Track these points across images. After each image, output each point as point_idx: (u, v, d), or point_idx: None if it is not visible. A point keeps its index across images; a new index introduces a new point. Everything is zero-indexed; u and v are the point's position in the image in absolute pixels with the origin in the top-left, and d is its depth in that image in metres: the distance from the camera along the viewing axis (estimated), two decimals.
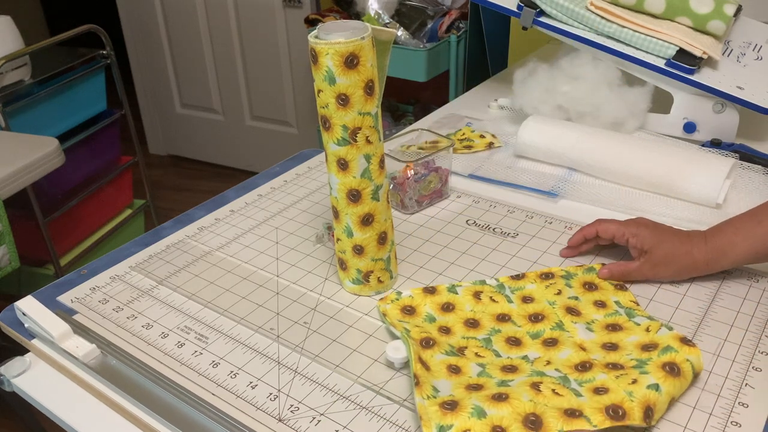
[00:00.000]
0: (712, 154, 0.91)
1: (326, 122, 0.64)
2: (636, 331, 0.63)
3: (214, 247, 0.83)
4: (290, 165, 1.03)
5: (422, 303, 0.70)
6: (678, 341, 0.59)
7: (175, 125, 2.92)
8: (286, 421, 0.57)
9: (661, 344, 0.59)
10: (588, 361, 0.60)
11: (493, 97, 1.21)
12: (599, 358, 0.60)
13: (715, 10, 1.00)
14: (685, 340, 0.59)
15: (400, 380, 0.61)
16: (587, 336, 0.64)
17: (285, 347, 0.66)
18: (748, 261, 0.69)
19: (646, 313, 0.66)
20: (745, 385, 0.59)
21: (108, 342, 0.67)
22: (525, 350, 0.63)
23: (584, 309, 0.67)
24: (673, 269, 0.70)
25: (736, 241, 0.68)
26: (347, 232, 0.69)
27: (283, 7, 2.37)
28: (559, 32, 1.06)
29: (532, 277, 0.73)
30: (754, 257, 0.68)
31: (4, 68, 1.69)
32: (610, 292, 0.70)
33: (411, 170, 0.87)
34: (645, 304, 0.69)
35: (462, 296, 0.70)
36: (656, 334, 0.61)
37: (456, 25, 1.92)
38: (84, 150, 1.94)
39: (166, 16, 2.65)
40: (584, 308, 0.67)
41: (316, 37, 0.62)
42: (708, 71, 1.00)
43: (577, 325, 0.65)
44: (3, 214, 1.38)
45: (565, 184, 0.94)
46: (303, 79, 2.49)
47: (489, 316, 0.68)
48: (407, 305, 0.70)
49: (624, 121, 1.03)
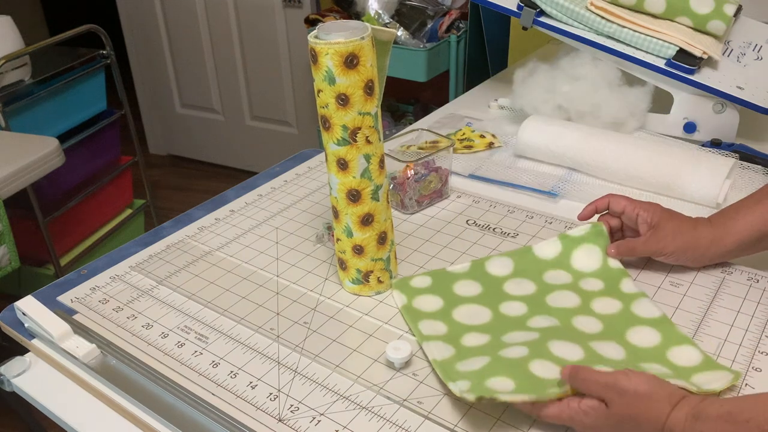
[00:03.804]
0: (712, 154, 0.91)
1: (326, 122, 0.64)
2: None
3: (214, 247, 0.83)
4: (290, 165, 1.03)
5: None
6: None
7: (175, 125, 2.92)
8: (286, 421, 0.57)
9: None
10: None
11: (493, 97, 1.21)
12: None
13: (715, 10, 1.00)
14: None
15: (400, 380, 0.61)
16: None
17: (285, 347, 0.66)
18: (752, 238, 0.69)
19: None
20: (745, 385, 0.59)
21: (108, 342, 0.67)
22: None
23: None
24: (678, 242, 0.71)
25: (737, 218, 0.70)
26: (347, 232, 0.69)
27: (283, 7, 2.37)
28: (559, 32, 1.06)
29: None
30: (757, 234, 0.69)
31: (4, 68, 1.69)
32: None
33: (411, 170, 0.87)
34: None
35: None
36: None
37: (456, 25, 1.92)
38: (84, 150, 1.94)
39: (166, 16, 2.65)
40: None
41: (316, 37, 0.62)
42: (708, 71, 1.00)
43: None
44: (3, 214, 1.38)
45: (565, 184, 0.94)
46: (303, 79, 2.49)
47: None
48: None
49: (624, 121, 1.03)
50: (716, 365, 0.60)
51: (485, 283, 0.73)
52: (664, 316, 0.66)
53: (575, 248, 0.74)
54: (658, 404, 0.50)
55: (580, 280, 0.72)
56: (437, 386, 0.60)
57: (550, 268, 0.74)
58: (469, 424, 0.56)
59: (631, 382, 0.51)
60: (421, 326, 0.67)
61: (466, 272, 0.74)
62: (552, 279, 0.72)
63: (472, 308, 0.69)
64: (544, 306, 0.68)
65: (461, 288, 0.72)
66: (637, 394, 0.50)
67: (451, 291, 0.72)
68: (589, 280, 0.72)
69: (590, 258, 0.73)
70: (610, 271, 0.72)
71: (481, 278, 0.73)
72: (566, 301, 0.69)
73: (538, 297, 0.70)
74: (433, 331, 0.66)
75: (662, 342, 0.63)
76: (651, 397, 0.50)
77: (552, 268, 0.74)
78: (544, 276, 0.73)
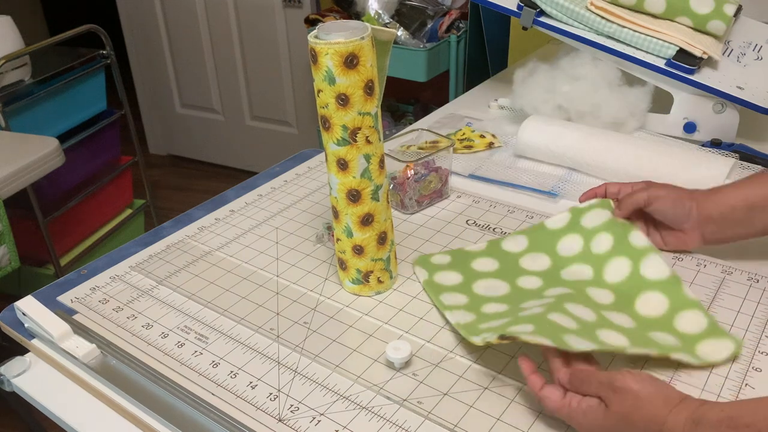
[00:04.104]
0: (712, 154, 0.91)
1: (326, 122, 0.64)
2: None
3: (214, 247, 0.83)
4: (290, 165, 1.03)
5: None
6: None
7: (175, 125, 2.92)
8: (286, 421, 0.57)
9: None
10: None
11: (493, 97, 1.21)
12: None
13: (715, 10, 1.00)
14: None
15: (400, 380, 0.61)
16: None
17: (285, 347, 0.66)
18: (737, 205, 0.70)
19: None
20: (745, 385, 0.59)
21: (108, 342, 0.67)
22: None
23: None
24: (671, 197, 0.73)
25: (722, 187, 0.73)
26: (347, 232, 0.69)
27: (283, 7, 2.37)
28: (559, 32, 1.06)
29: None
30: (742, 201, 0.70)
31: (4, 68, 1.69)
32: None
33: (411, 170, 0.87)
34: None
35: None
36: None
37: (456, 25, 1.92)
38: (84, 150, 1.94)
39: (166, 16, 2.65)
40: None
41: (316, 37, 0.62)
42: (708, 71, 1.00)
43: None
44: (3, 214, 1.38)
45: (565, 184, 0.94)
46: (303, 79, 2.49)
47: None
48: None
49: (624, 121, 1.03)
50: (721, 332, 0.63)
51: (502, 260, 0.76)
52: (673, 276, 0.69)
53: (584, 214, 0.77)
54: (656, 406, 0.50)
55: (591, 240, 0.74)
56: (437, 386, 0.60)
57: (562, 236, 0.77)
58: (469, 424, 0.56)
59: (630, 383, 0.51)
60: (443, 298, 0.70)
61: (482, 250, 0.78)
62: (565, 250, 0.75)
63: (491, 282, 0.73)
64: (559, 280, 0.72)
65: (479, 264, 0.76)
66: (636, 395, 0.51)
67: (469, 267, 0.76)
68: (599, 238, 0.74)
69: (598, 216, 0.76)
70: (618, 225, 0.74)
71: (497, 255, 0.77)
72: (579, 274, 0.72)
73: (553, 272, 0.74)
74: (454, 302, 0.70)
75: (669, 309, 0.66)
76: (649, 398, 0.50)
77: (564, 235, 0.77)
78: (557, 247, 0.76)
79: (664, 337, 0.63)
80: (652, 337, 0.62)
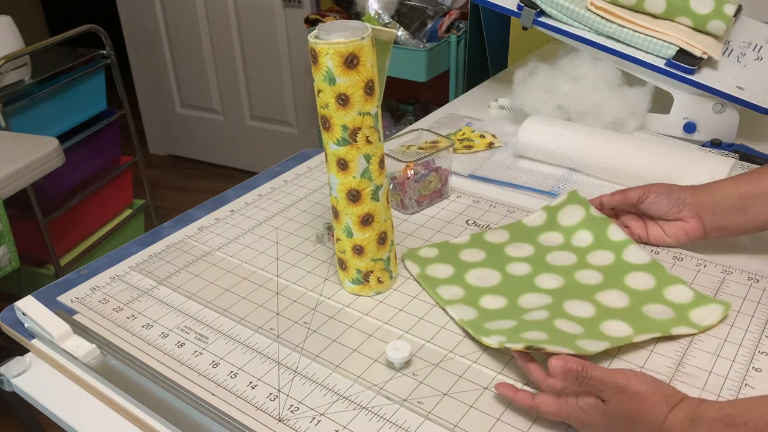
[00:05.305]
0: (712, 154, 0.91)
1: (326, 122, 0.64)
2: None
3: (214, 247, 0.83)
4: (290, 165, 1.03)
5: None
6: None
7: (175, 125, 2.92)
8: (286, 421, 0.57)
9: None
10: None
11: (493, 97, 1.21)
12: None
13: (715, 10, 1.00)
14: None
15: (400, 380, 0.61)
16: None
17: (285, 347, 0.66)
18: (729, 194, 0.72)
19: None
20: (745, 385, 0.59)
21: (108, 342, 0.67)
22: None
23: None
24: (663, 187, 0.76)
25: (718, 181, 0.75)
26: (347, 232, 0.69)
27: (283, 7, 2.37)
28: (559, 32, 1.06)
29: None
30: (735, 190, 0.71)
31: (4, 68, 1.69)
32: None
33: (411, 170, 0.87)
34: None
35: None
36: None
37: (456, 25, 1.92)
38: (84, 150, 1.94)
39: (166, 16, 2.65)
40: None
41: (316, 37, 0.62)
42: (708, 71, 1.00)
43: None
44: (3, 214, 1.38)
45: (565, 184, 0.94)
46: (303, 79, 2.49)
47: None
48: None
49: (624, 121, 1.03)
50: (707, 299, 0.68)
51: (487, 250, 0.78)
52: (653, 261, 0.73)
53: (558, 211, 0.81)
54: (655, 405, 0.50)
55: (572, 237, 0.78)
56: (437, 386, 0.60)
57: (541, 233, 0.80)
58: (469, 424, 0.56)
59: (630, 381, 0.51)
60: (440, 291, 0.71)
61: (467, 242, 0.80)
62: (546, 241, 0.78)
63: (482, 271, 0.74)
64: (545, 265, 0.74)
65: (467, 255, 0.77)
66: (635, 393, 0.51)
67: (458, 258, 0.77)
68: (579, 234, 0.78)
69: (574, 213, 0.80)
70: (594, 221, 0.78)
71: (482, 246, 0.79)
72: (564, 260, 0.75)
73: (538, 257, 0.76)
74: (453, 295, 0.70)
75: (657, 284, 0.70)
76: (649, 397, 0.50)
77: (543, 232, 0.80)
78: (538, 239, 0.79)
79: (660, 309, 0.66)
80: (649, 314, 0.66)
